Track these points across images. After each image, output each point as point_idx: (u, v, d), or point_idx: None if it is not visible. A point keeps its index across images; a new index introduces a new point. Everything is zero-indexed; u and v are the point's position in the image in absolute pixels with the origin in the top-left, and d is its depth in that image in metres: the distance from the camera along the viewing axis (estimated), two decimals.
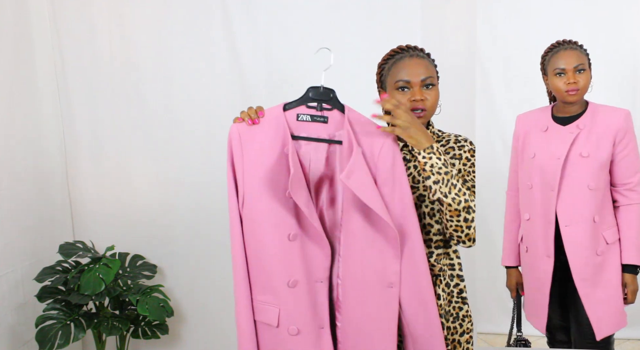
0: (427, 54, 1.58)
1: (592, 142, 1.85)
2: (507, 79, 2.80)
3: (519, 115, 2.13)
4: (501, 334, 2.91)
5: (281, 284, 1.39)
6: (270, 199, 1.39)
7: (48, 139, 2.61)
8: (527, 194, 1.96)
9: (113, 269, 2.34)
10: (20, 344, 2.38)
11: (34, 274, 2.38)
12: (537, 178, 1.92)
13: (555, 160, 1.86)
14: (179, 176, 2.67)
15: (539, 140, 1.95)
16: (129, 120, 2.65)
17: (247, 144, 1.40)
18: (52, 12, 2.58)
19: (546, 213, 1.88)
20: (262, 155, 1.40)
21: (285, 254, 1.39)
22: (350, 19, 2.51)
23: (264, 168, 1.39)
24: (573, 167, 1.85)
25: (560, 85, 1.88)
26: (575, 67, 1.85)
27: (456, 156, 1.53)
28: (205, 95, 2.62)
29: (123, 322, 2.37)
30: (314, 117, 1.42)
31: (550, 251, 1.88)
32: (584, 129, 1.86)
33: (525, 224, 1.99)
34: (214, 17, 2.56)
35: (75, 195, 2.71)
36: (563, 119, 1.95)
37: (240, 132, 1.41)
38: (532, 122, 2.02)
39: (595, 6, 2.63)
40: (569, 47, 1.90)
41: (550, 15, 2.66)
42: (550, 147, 1.91)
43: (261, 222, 1.40)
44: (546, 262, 1.89)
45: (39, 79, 2.55)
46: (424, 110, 1.49)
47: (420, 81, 1.49)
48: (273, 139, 1.40)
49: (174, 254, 2.70)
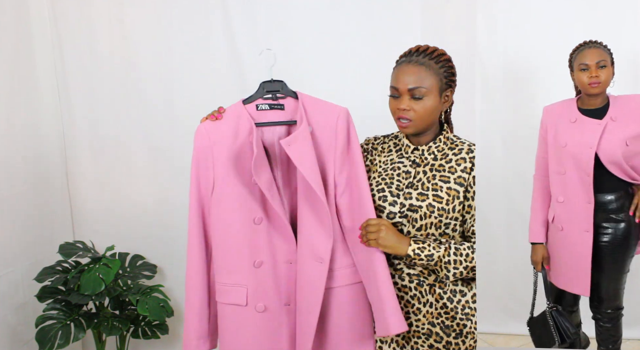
0: (439, 59, 1.52)
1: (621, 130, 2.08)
2: (507, 79, 2.80)
3: (545, 107, 2.30)
4: (501, 334, 2.92)
5: (248, 264, 1.49)
6: (237, 184, 1.50)
7: (48, 139, 2.61)
8: (560, 179, 2.18)
9: (113, 269, 2.34)
10: (20, 344, 2.38)
11: (34, 274, 2.38)
12: (570, 165, 2.14)
13: (587, 149, 2.08)
14: (179, 176, 2.67)
15: (568, 130, 2.16)
16: (129, 119, 2.65)
17: (215, 136, 1.52)
18: (52, 12, 2.58)
19: (585, 195, 2.12)
20: (229, 144, 1.51)
21: (251, 237, 1.50)
22: (350, 19, 2.51)
23: (232, 155, 1.51)
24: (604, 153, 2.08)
25: (584, 79, 2.10)
26: (597, 63, 2.08)
27: (467, 170, 1.49)
28: (205, 95, 2.61)
29: (123, 322, 2.37)
30: (272, 105, 1.55)
31: (590, 226, 2.13)
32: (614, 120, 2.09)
33: (559, 206, 2.21)
34: (214, 17, 2.57)
35: (75, 195, 2.71)
36: (588, 111, 2.17)
37: (206, 128, 1.53)
38: (559, 114, 2.22)
39: (595, 6, 2.64)
40: (592, 45, 2.12)
41: (550, 15, 2.66)
42: (582, 137, 2.12)
43: (229, 206, 1.50)
44: (586, 236, 2.15)
45: (39, 79, 2.55)
46: (410, 121, 1.46)
47: (407, 90, 1.45)
48: (238, 129, 1.52)
49: (174, 254, 2.70)
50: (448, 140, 1.54)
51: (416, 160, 1.54)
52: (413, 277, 1.52)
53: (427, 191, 1.49)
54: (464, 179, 1.48)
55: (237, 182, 1.50)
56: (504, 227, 2.92)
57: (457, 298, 1.51)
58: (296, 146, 1.45)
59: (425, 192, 1.49)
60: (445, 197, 1.47)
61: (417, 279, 1.52)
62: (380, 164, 1.60)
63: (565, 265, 2.22)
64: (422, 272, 1.51)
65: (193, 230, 1.57)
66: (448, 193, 1.47)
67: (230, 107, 1.56)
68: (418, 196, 1.49)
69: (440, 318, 1.51)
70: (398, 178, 1.54)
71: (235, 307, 1.52)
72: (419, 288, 1.52)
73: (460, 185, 1.48)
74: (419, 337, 1.53)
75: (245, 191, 1.50)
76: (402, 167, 1.56)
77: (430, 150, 1.53)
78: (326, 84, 2.53)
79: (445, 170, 1.49)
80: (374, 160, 1.62)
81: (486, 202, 2.87)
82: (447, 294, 1.51)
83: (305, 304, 1.50)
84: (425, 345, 1.52)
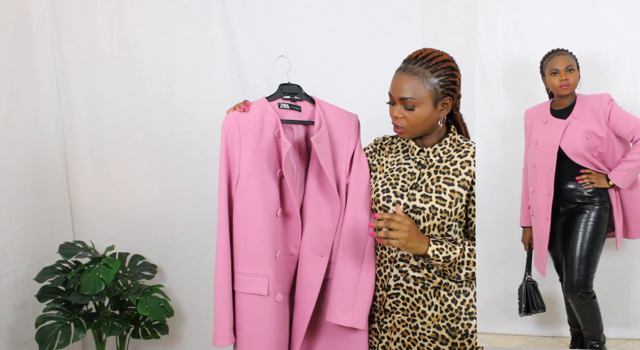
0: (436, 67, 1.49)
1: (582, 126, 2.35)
2: (507, 79, 2.80)
3: (527, 110, 2.57)
4: (501, 334, 2.91)
5: (270, 256, 1.54)
6: (262, 177, 1.53)
7: (48, 139, 2.61)
8: (532, 172, 2.50)
9: (113, 269, 2.34)
10: (20, 344, 2.38)
11: (34, 274, 2.38)
12: (538, 160, 2.43)
13: (551, 147, 2.37)
14: (179, 176, 2.67)
15: (540, 131, 2.45)
16: (129, 120, 2.65)
17: (244, 127, 1.54)
18: (52, 12, 2.58)
19: (547, 187, 2.41)
20: (257, 136, 1.54)
21: (273, 229, 1.55)
22: (350, 19, 2.51)
23: (259, 148, 1.54)
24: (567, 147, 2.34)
25: (555, 82, 2.40)
26: (566, 68, 2.38)
27: (470, 173, 1.50)
28: (205, 95, 2.62)
29: (123, 322, 2.37)
30: (291, 105, 1.63)
31: (548, 215, 2.42)
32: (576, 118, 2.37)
33: (531, 196, 2.53)
34: (214, 17, 2.56)
35: (75, 195, 2.71)
36: (558, 111, 2.44)
37: (236, 117, 1.55)
38: (535, 115, 2.51)
39: (595, 6, 2.63)
40: (561, 53, 2.43)
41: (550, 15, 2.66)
42: (549, 136, 2.40)
43: (253, 198, 1.53)
44: (545, 224, 2.43)
45: (39, 79, 2.55)
46: (403, 128, 1.49)
47: (399, 99, 1.47)
48: (264, 122, 1.56)
49: (174, 254, 2.70)
50: (454, 142, 1.55)
51: (421, 161, 1.55)
52: (418, 280, 1.53)
53: (430, 193, 1.50)
54: (467, 182, 1.49)
55: (262, 175, 1.53)
56: (504, 226, 2.92)
57: (462, 298, 1.52)
58: (321, 145, 1.52)
59: (428, 194, 1.50)
60: (448, 199, 1.48)
61: (422, 282, 1.52)
62: (387, 164, 1.61)
63: (535, 247, 2.53)
64: (427, 275, 1.51)
65: (222, 222, 1.56)
66: (451, 195, 1.48)
67: (255, 101, 1.61)
68: (421, 198, 1.49)
69: (446, 321, 1.52)
70: (403, 179, 1.55)
71: (256, 296, 1.54)
72: (423, 291, 1.52)
73: (463, 188, 1.49)
74: (425, 340, 1.54)
75: (269, 184, 1.53)
76: (407, 168, 1.57)
77: (435, 152, 1.54)
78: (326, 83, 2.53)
79: (449, 173, 1.50)
80: (381, 160, 1.63)
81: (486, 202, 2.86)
82: (451, 295, 1.51)
83: (304, 295, 1.57)
84: (431, 348, 1.53)
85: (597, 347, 2.49)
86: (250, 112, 1.56)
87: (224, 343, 1.56)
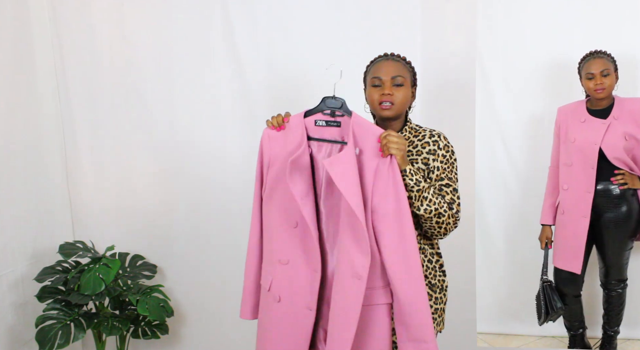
0: (403, 59, 1.76)
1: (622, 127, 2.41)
2: (507, 79, 2.80)
3: (559, 108, 2.60)
4: (501, 334, 2.91)
5: (275, 260, 1.66)
6: (284, 190, 1.63)
7: (48, 139, 2.60)
8: (567, 170, 2.52)
9: (113, 269, 2.34)
10: (20, 344, 2.38)
11: (34, 274, 2.38)
12: (577, 158, 2.47)
13: (593, 145, 2.42)
14: (179, 176, 2.67)
15: (578, 129, 2.49)
16: (129, 120, 2.64)
17: (273, 143, 1.69)
18: (52, 12, 2.58)
19: (587, 185, 2.46)
20: (283, 153, 1.65)
21: (285, 238, 1.64)
22: (350, 19, 2.51)
23: (282, 163, 1.64)
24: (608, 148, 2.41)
25: (591, 86, 2.42)
26: (601, 72, 2.39)
27: (431, 152, 1.69)
28: (205, 95, 2.62)
29: (123, 322, 2.37)
30: (329, 122, 1.66)
31: (587, 213, 2.46)
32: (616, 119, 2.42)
33: (564, 193, 2.54)
34: (214, 17, 2.56)
35: (75, 195, 2.71)
36: (595, 111, 2.49)
37: (269, 134, 1.71)
38: (571, 114, 2.54)
39: (595, 6, 2.64)
40: (597, 56, 2.42)
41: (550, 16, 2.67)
42: (589, 134, 2.45)
43: (274, 208, 1.67)
44: (583, 221, 2.47)
45: (39, 79, 2.55)
46: (392, 104, 1.68)
47: (390, 79, 1.69)
48: (292, 140, 1.66)
49: (174, 254, 2.70)
50: (412, 130, 1.76)
51: None
52: None
53: None
54: (427, 160, 1.69)
55: (285, 188, 1.62)
56: (504, 227, 2.92)
57: (435, 258, 1.75)
58: (339, 167, 1.53)
59: None
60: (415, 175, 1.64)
61: None
62: None
63: (564, 245, 2.53)
64: None
65: (255, 220, 1.76)
66: (417, 172, 1.64)
67: (292, 116, 1.68)
68: None
69: (427, 279, 1.72)
70: None
71: (264, 289, 1.72)
72: None
73: (425, 164, 1.69)
74: None
75: (289, 197, 1.61)
76: None
77: None
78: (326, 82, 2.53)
79: (413, 155, 1.70)
80: None
81: (486, 203, 2.87)
82: (427, 257, 1.72)
83: (342, 320, 1.54)
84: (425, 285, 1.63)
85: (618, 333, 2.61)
86: (284, 128, 1.68)
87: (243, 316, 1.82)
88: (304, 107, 2.66)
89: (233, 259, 2.67)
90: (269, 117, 1.65)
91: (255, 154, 2.57)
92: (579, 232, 2.47)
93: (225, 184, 2.65)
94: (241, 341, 2.52)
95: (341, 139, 1.65)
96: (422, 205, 1.60)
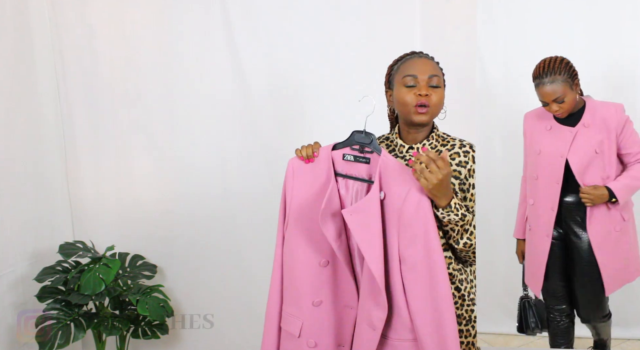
0: (436, 61, 1.61)
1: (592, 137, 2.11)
2: (507, 79, 2.80)
3: (525, 114, 2.35)
4: (501, 334, 2.91)
5: (307, 302, 1.54)
6: (308, 227, 1.54)
7: (48, 139, 2.60)
8: (533, 183, 2.25)
9: (113, 269, 2.34)
10: (20, 344, 2.38)
11: (34, 274, 2.38)
12: (542, 171, 2.19)
13: (559, 158, 2.13)
14: (179, 176, 2.67)
15: (543, 138, 2.21)
16: (129, 120, 2.65)
17: (298, 177, 1.58)
18: (52, 12, 2.58)
19: (550, 201, 2.18)
20: (308, 188, 1.56)
21: (315, 277, 1.54)
22: (350, 20, 2.51)
23: (307, 199, 1.55)
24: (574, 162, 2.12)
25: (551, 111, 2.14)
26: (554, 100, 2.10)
27: (462, 164, 1.53)
28: (205, 96, 2.62)
29: (123, 322, 2.37)
30: (357, 157, 1.54)
31: (550, 232, 2.20)
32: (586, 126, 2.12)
33: (530, 208, 2.29)
34: (214, 17, 2.56)
35: (75, 195, 2.71)
36: (565, 118, 2.18)
37: (294, 166, 1.60)
38: (537, 120, 2.27)
39: (595, 6, 2.63)
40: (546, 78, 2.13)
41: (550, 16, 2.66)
42: (554, 145, 2.16)
43: (297, 245, 1.55)
44: (545, 240, 2.22)
45: (39, 79, 2.55)
46: (429, 107, 1.50)
47: (427, 78, 1.51)
48: (319, 175, 1.56)
49: (174, 254, 2.70)
50: (440, 138, 1.59)
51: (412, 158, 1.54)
52: None
53: None
54: (458, 172, 1.52)
55: (308, 226, 1.53)
56: (504, 226, 2.92)
57: (464, 286, 1.56)
58: (359, 216, 1.42)
59: None
60: None
61: None
62: None
63: (529, 263, 2.34)
64: None
65: (277, 260, 1.63)
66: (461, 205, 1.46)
67: (321, 149, 1.58)
68: None
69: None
70: None
71: (291, 335, 1.58)
72: None
73: (455, 178, 1.52)
74: None
75: (315, 235, 1.52)
76: None
77: None
78: (326, 83, 2.53)
79: None
80: None
81: (486, 203, 2.86)
82: (455, 284, 1.54)
83: None
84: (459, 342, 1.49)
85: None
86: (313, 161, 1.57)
87: None
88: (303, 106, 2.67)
89: (233, 259, 2.68)
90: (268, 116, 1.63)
91: (255, 154, 2.62)
92: (539, 252, 2.23)
93: (225, 183, 2.65)
94: (241, 341, 2.53)
95: (368, 177, 1.53)
96: (463, 239, 1.46)
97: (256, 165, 2.60)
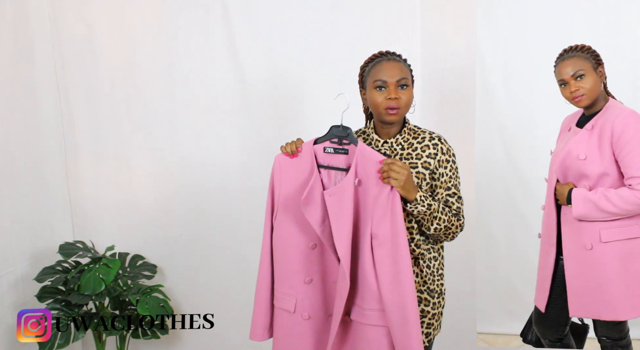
0: (403, 59, 1.72)
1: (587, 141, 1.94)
2: (507, 79, 2.80)
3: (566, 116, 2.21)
4: (501, 334, 2.91)
5: (299, 281, 1.72)
6: (295, 216, 1.71)
7: (48, 139, 2.60)
8: (548, 187, 2.09)
9: (113, 269, 2.35)
10: (20, 344, 2.38)
11: (34, 274, 2.39)
12: (550, 173, 2.08)
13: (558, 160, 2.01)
14: (179, 176, 2.67)
15: (560, 139, 2.12)
16: (129, 120, 2.65)
17: (285, 171, 1.74)
18: (52, 12, 2.58)
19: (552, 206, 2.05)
20: (294, 181, 1.73)
21: (305, 259, 1.72)
22: (350, 20, 2.51)
23: (294, 190, 1.72)
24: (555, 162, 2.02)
25: (567, 95, 1.98)
26: (572, 75, 1.94)
27: (431, 155, 1.67)
28: (205, 95, 2.62)
29: (123, 322, 2.37)
30: (337, 149, 1.70)
31: (554, 240, 2.05)
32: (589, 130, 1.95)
33: (543, 214, 2.15)
34: (214, 17, 2.56)
35: (75, 195, 2.71)
36: (583, 119, 2.03)
37: (280, 161, 1.75)
38: (568, 121, 2.15)
39: (595, 5, 2.64)
40: (567, 56, 1.98)
41: (550, 16, 2.66)
42: (560, 145, 2.06)
43: (287, 233, 1.73)
44: (551, 251, 2.06)
45: (39, 79, 2.55)
46: (398, 109, 1.64)
47: (395, 81, 1.64)
48: (304, 168, 1.72)
49: (174, 254, 2.70)
50: (411, 131, 1.72)
51: (387, 152, 1.71)
52: None
53: None
54: (428, 163, 1.67)
55: (295, 214, 1.70)
56: (504, 227, 2.92)
57: (433, 263, 1.73)
58: (336, 198, 1.61)
59: None
60: (415, 180, 1.65)
61: None
62: None
63: (538, 274, 2.18)
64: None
65: (266, 246, 1.79)
66: (417, 176, 1.67)
67: (304, 144, 1.73)
68: None
69: (426, 284, 1.71)
70: None
71: (286, 312, 1.74)
72: None
73: (425, 168, 1.67)
74: None
75: (303, 221, 1.68)
76: None
77: (397, 142, 1.70)
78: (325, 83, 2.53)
79: (412, 158, 1.68)
80: None
81: (487, 204, 2.87)
82: (426, 262, 1.71)
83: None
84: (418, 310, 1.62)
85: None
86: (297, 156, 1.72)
87: (254, 338, 1.82)
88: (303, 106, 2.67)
89: (233, 259, 2.68)
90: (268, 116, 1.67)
91: (254, 154, 2.61)
92: (545, 263, 2.08)
93: (225, 184, 2.65)
94: (241, 341, 2.52)
95: (347, 166, 1.68)
96: (432, 225, 1.63)
97: (256, 165, 2.60)
